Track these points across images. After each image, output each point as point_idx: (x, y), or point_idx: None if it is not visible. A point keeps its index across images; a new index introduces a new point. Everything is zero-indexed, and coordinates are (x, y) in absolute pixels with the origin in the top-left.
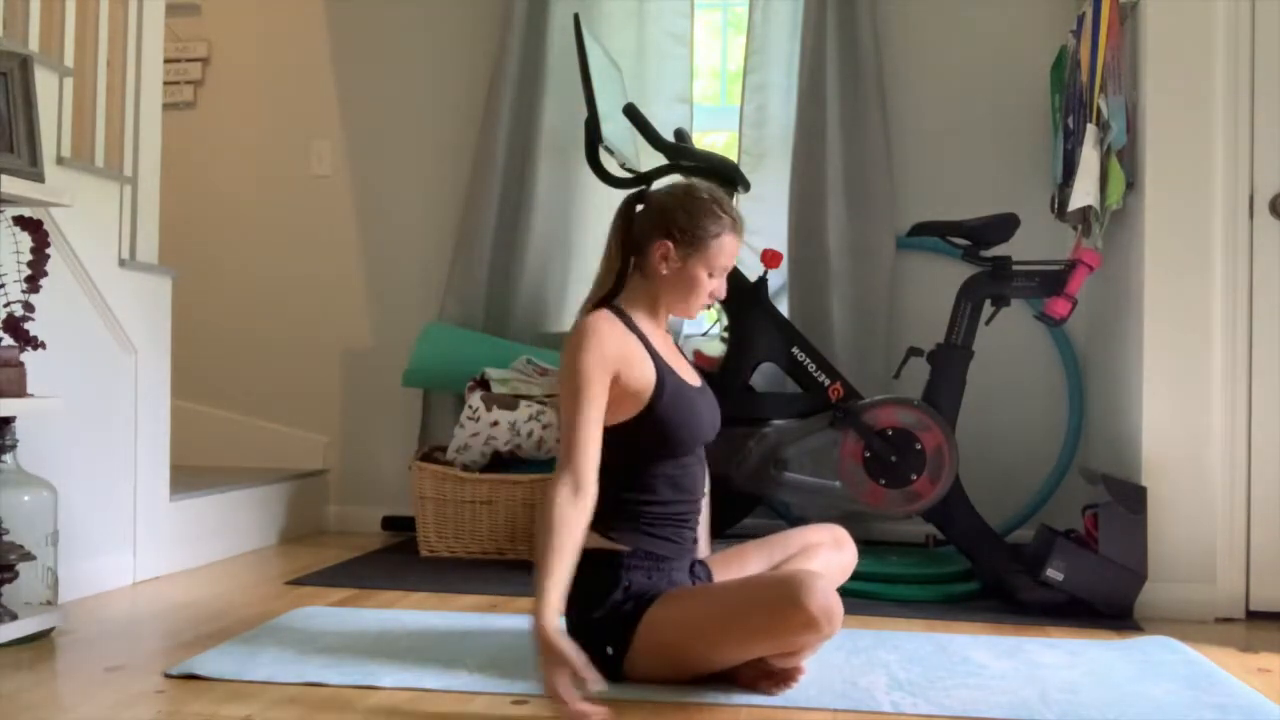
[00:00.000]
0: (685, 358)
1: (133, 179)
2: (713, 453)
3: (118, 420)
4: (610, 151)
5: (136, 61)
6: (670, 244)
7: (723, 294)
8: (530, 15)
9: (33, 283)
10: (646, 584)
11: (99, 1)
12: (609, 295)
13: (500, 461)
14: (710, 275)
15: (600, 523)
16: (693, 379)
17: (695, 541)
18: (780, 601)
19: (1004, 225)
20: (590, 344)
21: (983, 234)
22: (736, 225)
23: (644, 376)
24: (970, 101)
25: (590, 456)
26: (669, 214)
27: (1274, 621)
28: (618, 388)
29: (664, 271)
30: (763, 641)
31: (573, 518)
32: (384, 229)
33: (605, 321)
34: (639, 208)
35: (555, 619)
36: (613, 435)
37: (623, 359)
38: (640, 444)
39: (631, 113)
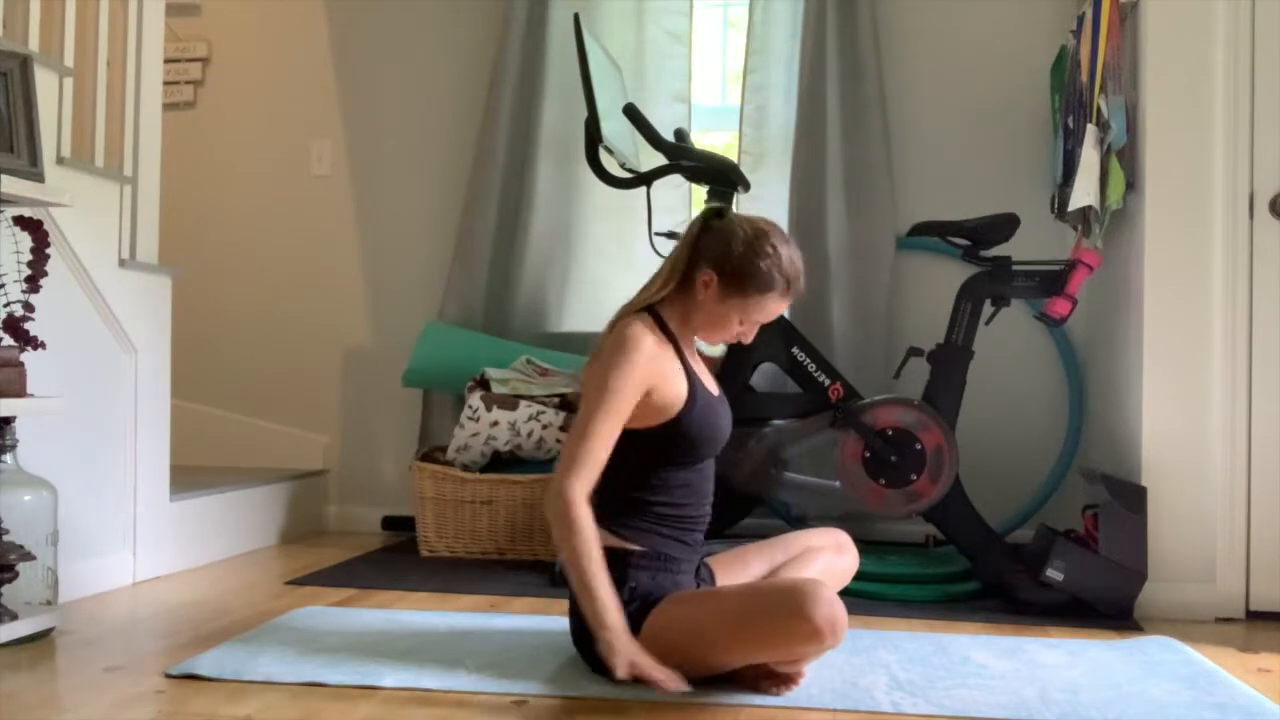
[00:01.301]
0: (704, 362)
1: (133, 179)
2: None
3: (118, 420)
4: (610, 151)
5: (136, 61)
6: (715, 276)
7: (748, 340)
8: (530, 15)
9: (33, 283)
10: (651, 585)
11: (99, 1)
12: (655, 300)
13: (500, 461)
14: (740, 322)
15: (610, 520)
16: (714, 387)
17: (703, 544)
18: (785, 611)
19: (1004, 225)
20: (632, 358)
21: (983, 234)
22: (789, 290)
23: (676, 391)
24: (970, 101)
25: (601, 465)
26: (728, 247)
27: (1274, 621)
28: (647, 402)
29: (699, 297)
30: (766, 650)
31: (591, 521)
32: (384, 229)
33: (648, 335)
34: (714, 223)
35: (627, 633)
36: (634, 439)
37: (659, 375)
38: (661, 450)
39: (631, 113)
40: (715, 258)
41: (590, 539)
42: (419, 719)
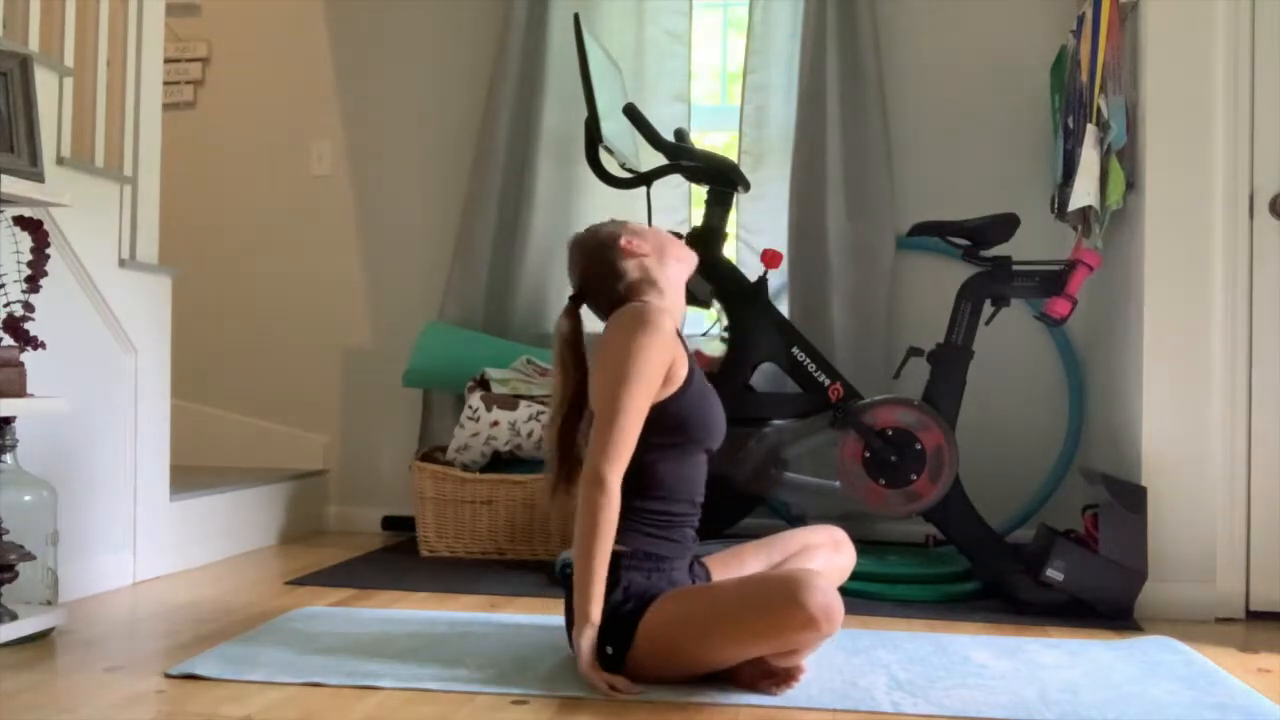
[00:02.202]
0: (702, 360)
1: (133, 179)
2: (713, 452)
3: (118, 420)
4: (610, 151)
5: (136, 61)
6: (628, 241)
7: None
8: (530, 15)
9: (33, 283)
10: (645, 584)
11: (99, 1)
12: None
13: (500, 461)
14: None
15: None
16: (700, 372)
17: (695, 540)
18: (780, 600)
19: (1004, 225)
20: (657, 331)
21: (983, 234)
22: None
23: (682, 370)
24: (970, 101)
25: (633, 445)
26: (599, 260)
27: (1274, 621)
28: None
29: (645, 251)
30: (763, 641)
31: (616, 513)
32: (384, 229)
33: (665, 316)
34: (581, 303)
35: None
36: None
37: (677, 349)
38: (655, 433)
39: (631, 113)
40: (607, 234)
41: (609, 533)
42: (419, 719)
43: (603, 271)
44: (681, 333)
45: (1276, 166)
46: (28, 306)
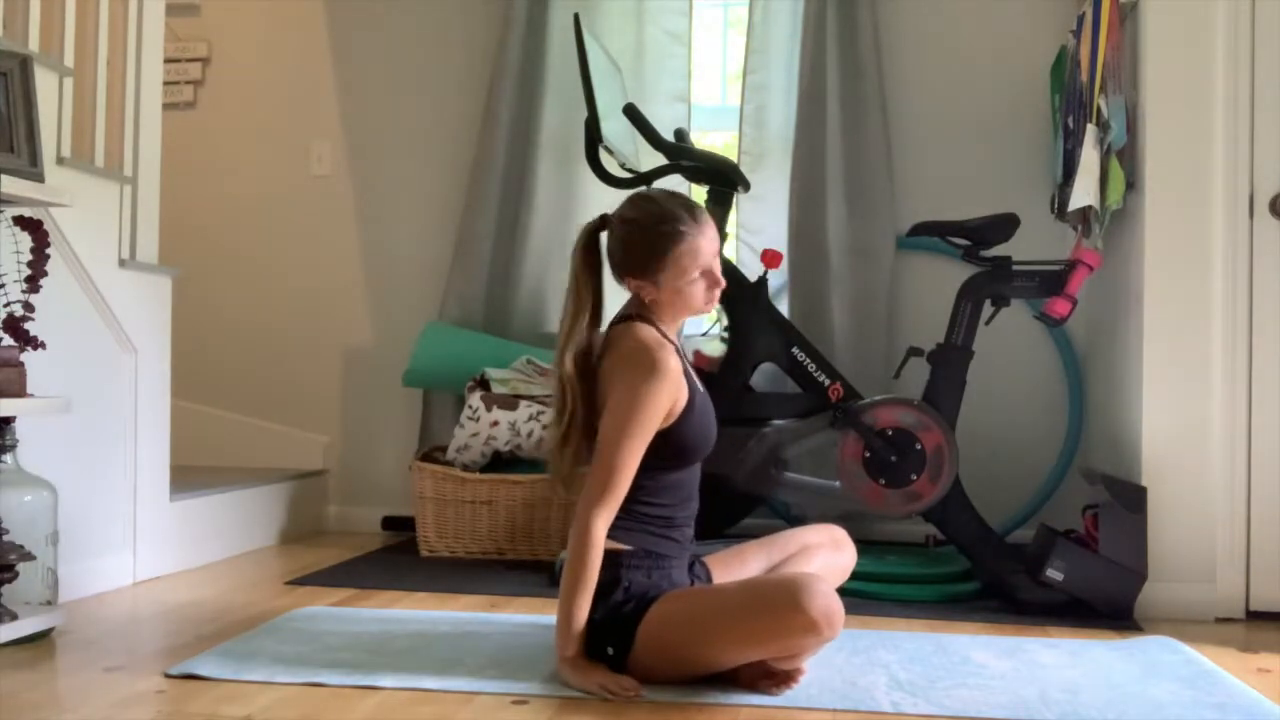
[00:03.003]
0: (703, 361)
1: (133, 179)
2: (713, 452)
3: (118, 420)
4: (610, 151)
5: (136, 61)
6: (632, 280)
7: (723, 285)
8: (530, 15)
9: (33, 283)
10: (646, 584)
11: (99, 1)
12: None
13: (500, 461)
14: (696, 283)
15: None
16: (699, 385)
17: (693, 540)
18: (781, 604)
19: (1004, 225)
20: (663, 385)
21: (983, 234)
22: (695, 218)
23: (683, 400)
24: (970, 101)
25: (625, 492)
26: (620, 253)
27: (1274, 621)
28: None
29: (648, 299)
30: (763, 644)
31: (600, 559)
32: (384, 229)
33: (672, 356)
34: (603, 236)
35: (580, 660)
36: None
37: (679, 391)
38: (656, 457)
39: (632, 113)
40: (621, 265)
41: (592, 577)
42: (419, 719)
43: (629, 275)
44: (683, 353)
45: (1276, 166)
46: (28, 306)
